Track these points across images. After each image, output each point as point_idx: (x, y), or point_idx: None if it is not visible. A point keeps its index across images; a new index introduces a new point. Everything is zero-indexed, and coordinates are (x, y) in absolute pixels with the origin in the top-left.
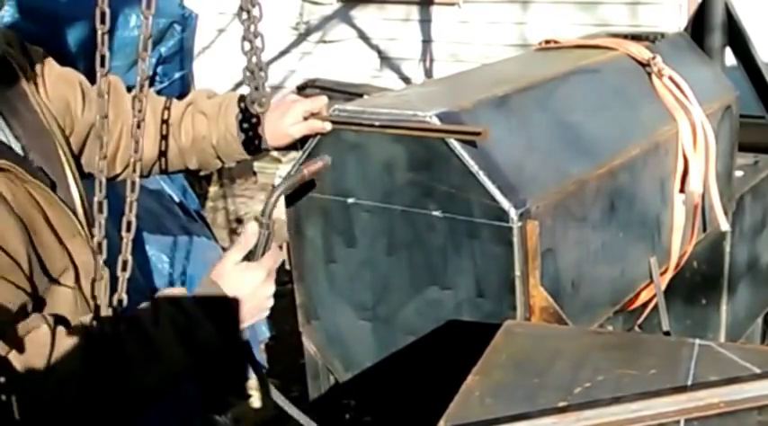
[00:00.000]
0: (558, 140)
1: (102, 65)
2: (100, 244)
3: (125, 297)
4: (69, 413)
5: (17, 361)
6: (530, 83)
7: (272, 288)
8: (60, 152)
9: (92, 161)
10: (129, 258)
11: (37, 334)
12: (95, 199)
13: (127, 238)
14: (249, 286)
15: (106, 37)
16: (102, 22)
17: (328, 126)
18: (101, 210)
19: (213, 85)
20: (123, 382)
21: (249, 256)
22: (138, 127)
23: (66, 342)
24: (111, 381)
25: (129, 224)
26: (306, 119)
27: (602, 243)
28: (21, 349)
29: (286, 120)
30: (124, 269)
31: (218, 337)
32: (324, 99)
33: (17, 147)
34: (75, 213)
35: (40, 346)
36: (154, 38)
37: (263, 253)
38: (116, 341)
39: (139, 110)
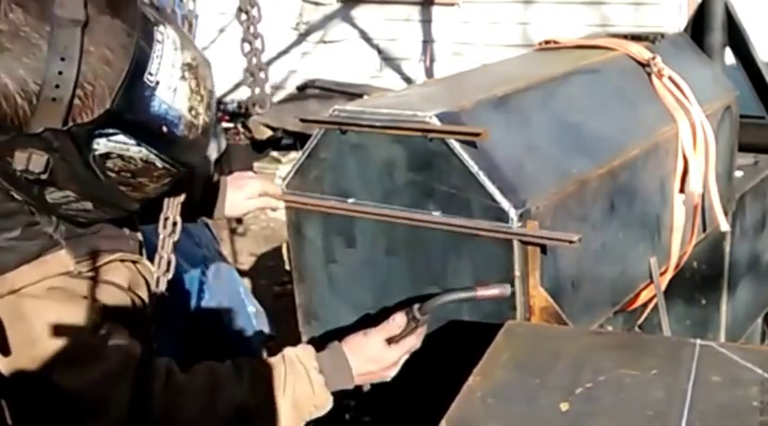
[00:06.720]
0: (558, 140)
1: None
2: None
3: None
4: None
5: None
6: (530, 83)
7: (395, 372)
8: None
9: None
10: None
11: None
12: None
13: (164, 234)
14: (376, 365)
15: None
16: None
17: (280, 204)
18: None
19: None
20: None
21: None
22: None
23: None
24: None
25: (165, 220)
26: (261, 195)
27: (602, 243)
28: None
29: (243, 194)
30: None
31: (329, 405)
32: (275, 188)
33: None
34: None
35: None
36: None
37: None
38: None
39: None
